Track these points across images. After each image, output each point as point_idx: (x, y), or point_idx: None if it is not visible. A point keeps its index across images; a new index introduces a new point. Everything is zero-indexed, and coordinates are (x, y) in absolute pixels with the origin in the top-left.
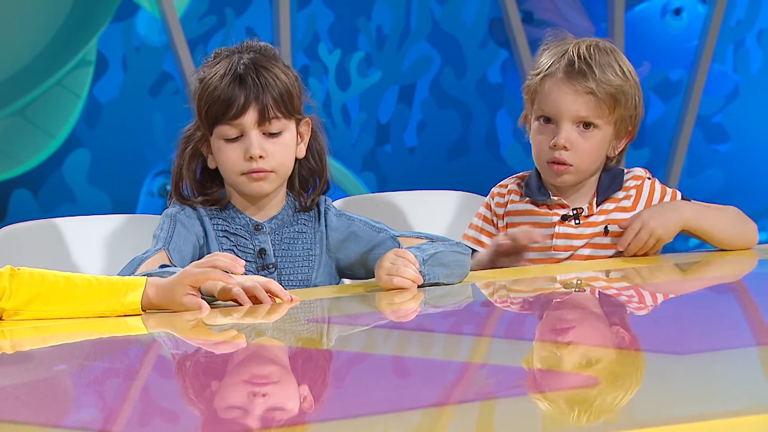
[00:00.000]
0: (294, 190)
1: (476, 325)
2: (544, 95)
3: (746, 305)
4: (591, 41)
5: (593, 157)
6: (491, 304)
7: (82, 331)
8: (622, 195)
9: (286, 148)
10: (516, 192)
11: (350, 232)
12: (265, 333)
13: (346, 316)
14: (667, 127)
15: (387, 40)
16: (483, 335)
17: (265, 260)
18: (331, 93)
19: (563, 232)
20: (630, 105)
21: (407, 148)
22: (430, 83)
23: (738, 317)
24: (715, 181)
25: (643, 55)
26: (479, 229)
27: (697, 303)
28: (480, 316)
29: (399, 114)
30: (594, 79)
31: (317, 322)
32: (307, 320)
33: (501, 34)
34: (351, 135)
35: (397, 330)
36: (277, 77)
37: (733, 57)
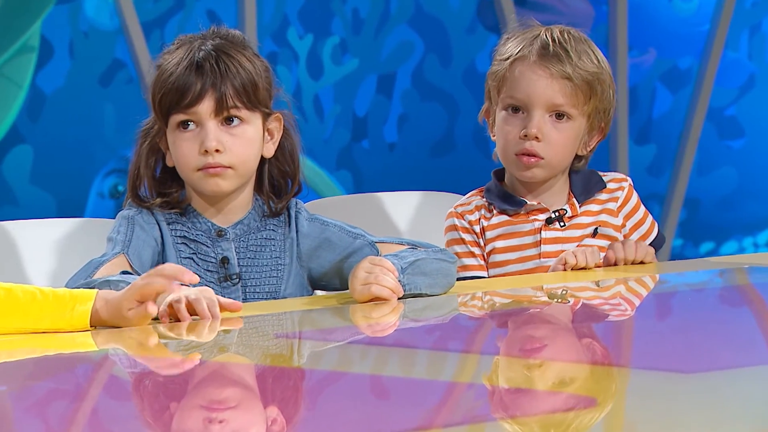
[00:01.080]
0: (263, 194)
1: (463, 341)
2: (514, 81)
3: (756, 318)
4: (563, 27)
5: (566, 151)
6: (479, 318)
7: (25, 347)
8: (606, 197)
9: (248, 143)
10: (484, 207)
11: (324, 238)
12: (229, 349)
13: (319, 330)
14: (675, 120)
15: (364, 25)
16: (471, 352)
17: (228, 270)
18: (302, 83)
19: (550, 237)
20: (605, 96)
21: (387, 144)
22: (412, 72)
23: (744, 331)
24: (727, 180)
25: (648, 41)
26: (470, 254)
27: (704, 316)
28: (467, 330)
29: (378, 106)
30: (570, 64)
31: (287, 338)
32: (276, 335)
33: (491, 18)
34: (324, 129)
35: (375, 346)
36: (240, 65)
37: (749, 43)
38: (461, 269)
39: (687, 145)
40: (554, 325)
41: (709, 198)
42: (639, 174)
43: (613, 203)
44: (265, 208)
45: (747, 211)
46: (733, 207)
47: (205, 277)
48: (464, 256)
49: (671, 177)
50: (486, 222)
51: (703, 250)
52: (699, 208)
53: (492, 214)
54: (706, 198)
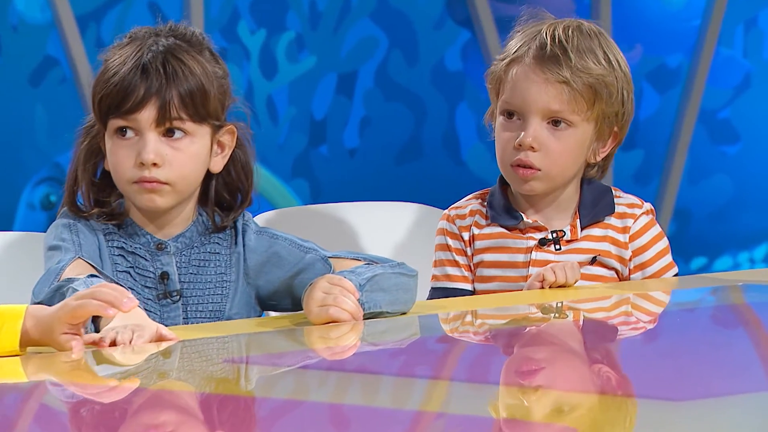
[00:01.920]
0: (208, 208)
1: (431, 366)
2: (509, 84)
3: (752, 340)
4: (572, 22)
5: (567, 160)
6: (449, 339)
7: None
8: (616, 223)
9: (190, 159)
10: (480, 214)
11: (272, 252)
12: (169, 375)
13: (269, 355)
14: (663, 124)
15: (322, 18)
16: (440, 378)
17: (168, 286)
18: (254, 83)
19: (541, 259)
20: (615, 100)
21: (347, 149)
22: (375, 71)
23: (739, 355)
24: (721, 190)
25: (634, 37)
26: (454, 263)
27: (696, 338)
28: (435, 353)
29: (337, 108)
30: (569, 67)
31: (234, 363)
32: (223, 360)
33: (462, 11)
34: (278, 134)
35: (333, 372)
36: (191, 71)
37: (744, 39)
38: (443, 278)
39: (676, 150)
40: (528, 350)
41: (700, 209)
42: (624, 182)
43: (622, 234)
44: (208, 222)
45: (742, 223)
46: (727, 219)
47: (142, 294)
48: (448, 264)
49: (659, 186)
50: (478, 230)
51: (695, 266)
52: (690, 219)
53: (487, 222)
54: (698, 209)
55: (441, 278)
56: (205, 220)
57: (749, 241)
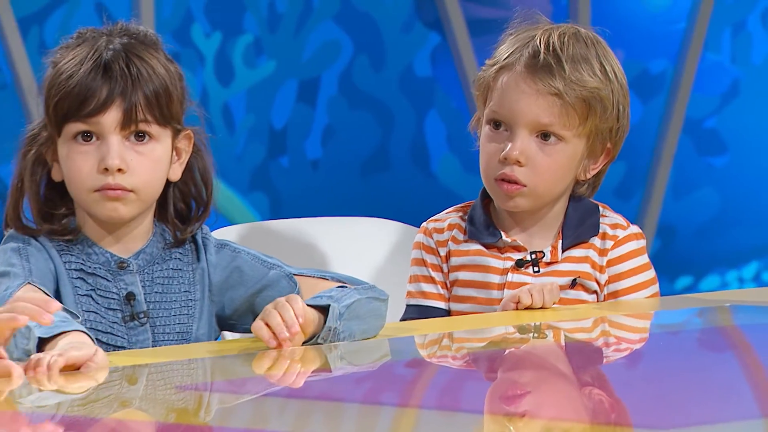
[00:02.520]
0: (167, 221)
1: (399, 393)
2: (497, 93)
3: (740, 365)
4: (568, 28)
5: (555, 177)
6: (421, 363)
7: None
8: (597, 244)
9: (156, 165)
10: (458, 228)
11: (234, 267)
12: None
13: (230, 381)
14: (646, 134)
15: (282, 21)
16: (408, 406)
17: (135, 308)
18: (209, 89)
19: (517, 282)
20: (609, 115)
21: (309, 161)
22: (339, 77)
23: (727, 380)
24: (708, 204)
25: (615, 41)
26: (430, 280)
27: (681, 363)
28: (404, 379)
29: (299, 117)
30: (562, 78)
31: (194, 390)
32: (179, 387)
33: (431, 13)
34: (235, 144)
35: (295, 399)
36: (155, 71)
37: (732, 43)
38: (418, 295)
39: (660, 162)
40: (511, 374)
41: (686, 225)
42: (605, 196)
43: (600, 257)
44: (167, 235)
45: (730, 240)
46: (714, 235)
47: (107, 317)
48: (423, 281)
49: (642, 200)
50: (455, 246)
51: (680, 286)
52: (674, 236)
53: (464, 238)
54: (683, 225)
55: (416, 295)
56: (164, 233)
57: (738, 259)
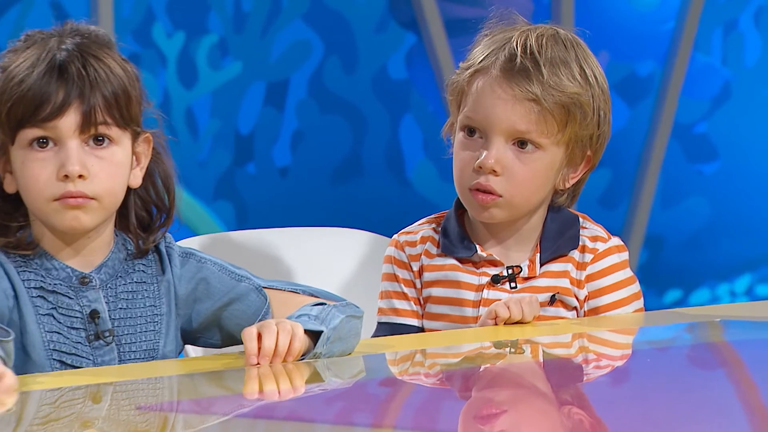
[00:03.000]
0: (129, 231)
1: (372, 413)
2: (472, 98)
3: (732, 383)
4: (546, 30)
5: (532, 187)
6: (396, 382)
7: None
8: (576, 257)
9: (117, 170)
10: (431, 241)
11: (200, 279)
12: (94, 425)
13: (197, 401)
14: (633, 140)
15: (249, 20)
16: (382, 426)
17: (99, 326)
18: (172, 92)
19: (493, 298)
20: (590, 121)
21: (277, 168)
22: (308, 79)
23: (718, 399)
24: (698, 213)
25: (599, 42)
26: (402, 296)
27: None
28: (378, 399)
29: (266, 121)
30: (540, 82)
31: (158, 411)
32: (143, 408)
33: (406, 12)
34: (199, 150)
35: (265, 420)
36: (112, 71)
37: (723, 44)
38: (390, 312)
39: (647, 170)
40: (486, 392)
41: (675, 235)
42: (589, 206)
43: (578, 271)
44: (129, 245)
45: (722, 251)
46: (704, 246)
47: (70, 337)
48: (395, 297)
49: (628, 209)
50: (428, 260)
51: (668, 300)
52: (663, 247)
53: (438, 252)
54: (672, 235)
55: (387, 312)
56: (126, 244)
57: (729, 272)
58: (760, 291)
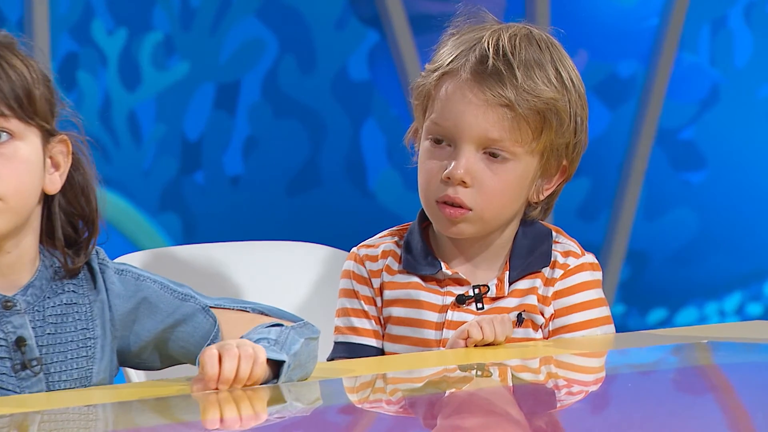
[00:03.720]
0: (56, 247)
1: None
2: (439, 103)
3: (721, 409)
4: (520, 29)
5: (504, 200)
6: (356, 410)
7: None
8: (546, 272)
9: (23, 167)
10: (393, 256)
11: (141, 298)
12: None
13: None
14: (614, 146)
15: (197, 16)
16: None
17: (26, 354)
18: (113, 94)
19: (458, 320)
20: (566, 129)
21: (229, 177)
22: (262, 80)
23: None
24: (684, 226)
25: (578, 41)
26: (362, 314)
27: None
28: (337, 427)
29: (216, 126)
30: (513, 86)
31: None
32: None
33: (368, 8)
34: (143, 158)
35: None
36: (8, 62)
37: (711, 43)
38: (348, 331)
39: (630, 179)
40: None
41: (659, 250)
42: (566, 218)
43: (547, 287)
44: (57, 264)
45: (710, 267)
46: (691, 262)
47: None
48: (354, 315)
49: (609, 222)
50: (389, 277)
51: (652, 320)
52: (646, 263)
53: (399, 268)
54: (656, 250)
55: (345, 331)
56: (53, 262)
57: (718, 289)
58: (752, 310)
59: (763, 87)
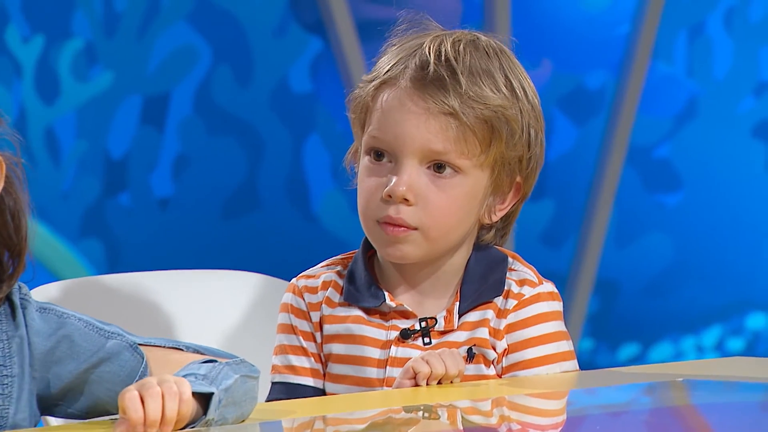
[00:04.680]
0: None
1: None
2: (378, 114)
3: None
4: (464, 35)
5: (452, 218)
6: None
7: None
8: (498, 303)
9: None
10: (334, 287)
11: (62, 336)
12: None
13: None
14: (581, 164)
15: (122, 21)
16: None
17: None
18: (28, 108)
19: (402, 357)
20: (518, 141)
21: (157, 199)
22: (194, 93)
23: None
24: (658, 253)
25: (541, 49)
26: (300, 351)
27: None
28: None
29: (143, 143)
30: (458, 93)
31: None
32: None
33: (311, 13)
34: (62, 178)
35: None
36: None
37: (688, 51)
38: (286, 370)
39: (599, 201)
40: None
41: (631, 279)
42: (529, 245)
43: (499, 319)
44: None
45: (686, 298)
46: (666, 292)
47: None
48: (292, 352)
49: (576, 248)
50: (329, 310)
51: (624, 356)
52: (617, 294)
53: (340, 300)
54: (628, 279)
55: (283, 370)
56: None
57: (696, 323)
58: (733, 345)
59: (744, 100)
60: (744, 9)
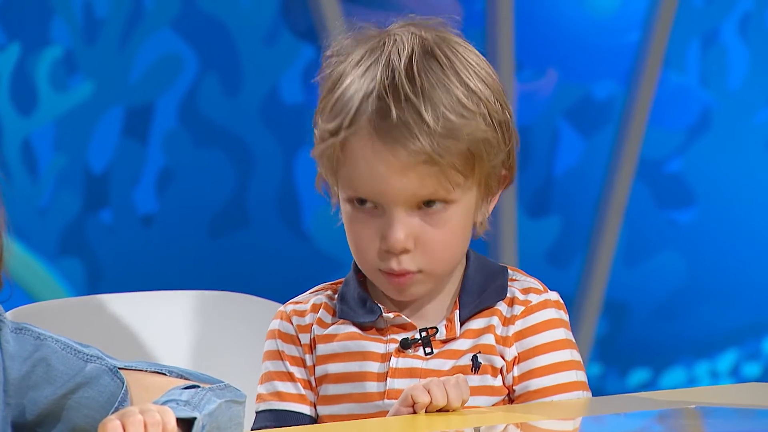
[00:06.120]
0: None
1: None
2: (351, 170)
3: None
4: (413, 41)
5: (453, 249)
6: None
7: None
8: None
9: None
10: (326, 308)
11: (39, 359)
12: None
13: None
14: (589, 179)
15: (103, 28)
16: None
17: None
18: (4, 119)
19: (404, 369)
20: (497, 146)
21: (140, 216)
22: (180, 103)
23: None
24: (670, 273)
25: (547, 58)
26: (287, 377)
27: None
28: None
29: (126, 156)
30: (428, 134)
31: None
32: None
33: (303, 20)
34: (39, 194)
35: None
36: None
37: (701, 60)
38: (272, 397)
39: (607, 218)
40: None
41: (642, 301)
42: (533, 263)
43: (504, 327)
44: None
45: (700, 320)
46: (678, 315)
47: None
48: (278, 378)
49: (584, 268)
50: (321, 330)
51: (634, 382)
52: (627, 316)
53: (333, 319)
54: (638, 301)
55: (268, 398)
56: None
57: (710, 346)
58: (749, 371)
59: (760, 112)
60: (760, 15)
